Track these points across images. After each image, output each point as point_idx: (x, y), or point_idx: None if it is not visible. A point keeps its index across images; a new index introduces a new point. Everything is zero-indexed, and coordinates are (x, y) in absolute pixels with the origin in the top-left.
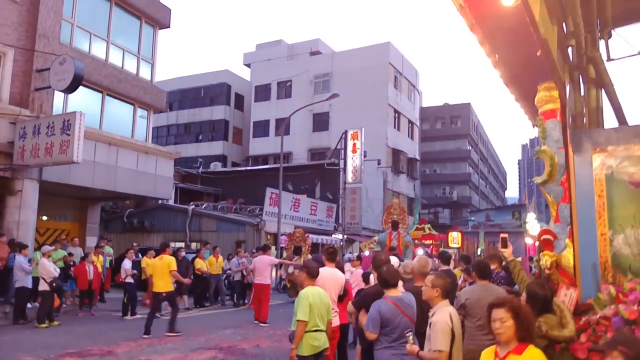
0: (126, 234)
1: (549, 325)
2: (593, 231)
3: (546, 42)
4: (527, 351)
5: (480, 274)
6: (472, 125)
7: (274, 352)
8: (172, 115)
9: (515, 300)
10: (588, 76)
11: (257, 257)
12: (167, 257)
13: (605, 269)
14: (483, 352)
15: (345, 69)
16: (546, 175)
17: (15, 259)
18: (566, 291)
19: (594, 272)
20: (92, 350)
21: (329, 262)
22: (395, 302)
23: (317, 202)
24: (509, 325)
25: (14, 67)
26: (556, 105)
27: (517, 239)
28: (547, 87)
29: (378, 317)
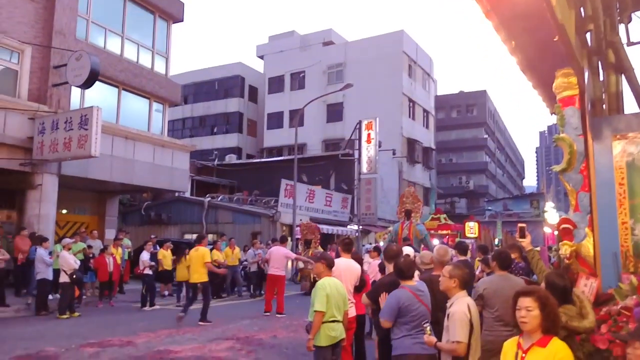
0: (144, 227)
1: (569, 316)
2: (614, 220)
3: (563, 27)
4: (551, 344)
5: (501, 264)
6: (489, 113)
7: (291, 343)
8: (187, 108)
9: (543, 291)
10: (607, 61)
11: (273, 248)
12: (202, 248)
13: (627, 258)
14: (505, 343)
15: (359, 59)
16: (565, 163)
17: (37, 251)
18: (586, 281)
19: (615, 262)
20: (112, 341)
21: (344, 253)
22: (413, 291)
23: (332, 193)
24: (535, 315)
25: (32, 64)
26: (574, 92)
27: (535, 228)
28: (565, 73)
29: (396, 306)
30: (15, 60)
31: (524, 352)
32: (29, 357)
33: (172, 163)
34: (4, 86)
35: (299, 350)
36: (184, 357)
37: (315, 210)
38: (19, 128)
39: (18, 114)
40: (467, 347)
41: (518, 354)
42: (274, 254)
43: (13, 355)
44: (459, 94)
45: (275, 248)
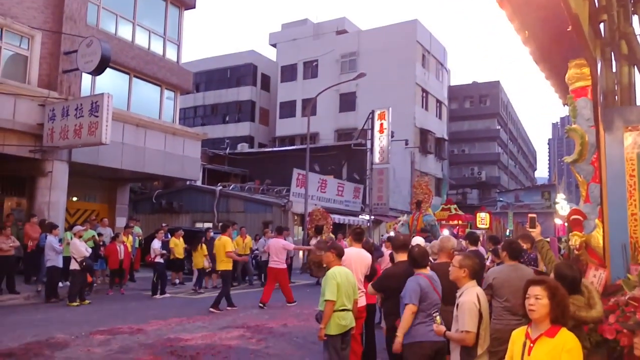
0: (155, 215)
1: (577, 306)
2: (624, 211)
3: (577, 17)
4: (559, 334)
5: (511, 254)
6: (502, 104)
7: (301, 331)
8: (198, 96)
9: (554, 281)
10: (620, 52)
11: (272, 240)
12: (224, 237)
13: (636, 250)
14: (514, 332)
15: (372, 48)
16: (576, 154)
17: (47, 239)
18: (595, 272)
19: (624, 253)
20: (122, 328)
21: (355, 243)
22: (428, 278)
23: (344, 183)
24: (544, 304)
25: (42, 50)
26: (587, 83)
27: (546, 219)
28: (578, 64)
29: (419, 289)
30: (25, 46)
31: (532, 342)
32: (39, 343)
33: (183, 151)
34: (14, 72)
35: (309, 338)
36: (194, 345)
37: (327, 200)
38: (29, 114)
39: (28, 100)
40: (475, 337)
41: (526, 343)
42: (272, 246)
43: (23, 341)
44: (472, 84)
45: (274, 240)
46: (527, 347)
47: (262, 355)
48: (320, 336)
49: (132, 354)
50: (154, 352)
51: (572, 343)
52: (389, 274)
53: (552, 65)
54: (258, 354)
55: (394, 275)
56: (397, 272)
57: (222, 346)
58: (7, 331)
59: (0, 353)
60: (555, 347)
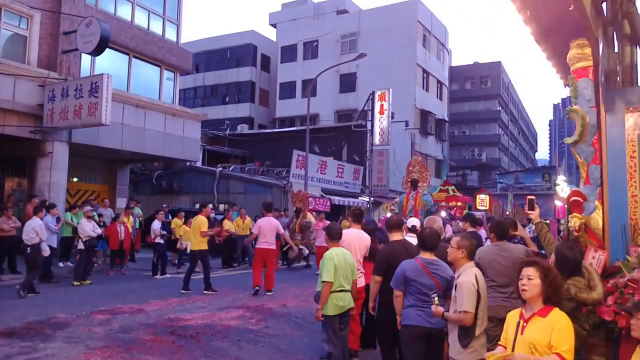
0: (155, 196)
1: (578, 288)
2: (624, 193)
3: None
4: (551, 314)
5: (498, 234)
6: (503, 85)
7: (300, 312)
8: (198, 77)
9: (547, 263)
10: (623, 32)
11: (263, 220)
12: (200, 217)
13: (635, 232)
14: (509, 314)
15: (373, 28)
16: (577, 135)
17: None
18: (594, 253)
19: (623, 235)
20: (123, 308)
21: (355, 224)
22: (424, 263)
23: (343, 165)
24: (535, 284)
25: (41, 30)
26: (589, 63)
27: (546, 201)
28: (580, 44)
29: (401, 274)
30: (24, 26)
31: (525, 322)
32: (40, 323)
33: (183, 132)
34: (14, 52)
35: (309, 319)
36: (194, 325)
37: (326, 182)
38: (29, 95)
39: (28, 81)
40: (474, 317)
41: (519, 323)
42: (264, 227)
43: (24, 321)
44: (474, 65)
45: (265, 220)
46: (521, 326)
47: (262, 335)
48: (318, 317)
49: (132, 334)
50: (154, 331)
51: (564, 321)
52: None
53: (554, 46)
54: (257, 334)
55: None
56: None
57: (221, 326)
58: (9, 310)
59: (2, 332)
60: (547, 326)
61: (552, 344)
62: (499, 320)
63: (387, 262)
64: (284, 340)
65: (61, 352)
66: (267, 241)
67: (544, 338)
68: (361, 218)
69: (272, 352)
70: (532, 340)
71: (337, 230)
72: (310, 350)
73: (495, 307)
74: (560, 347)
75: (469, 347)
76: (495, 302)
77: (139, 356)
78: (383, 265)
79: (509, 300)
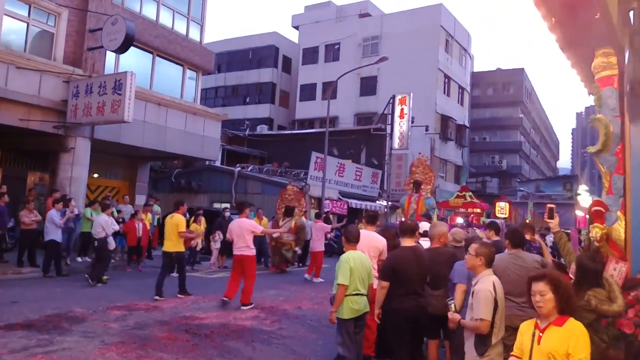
0: (174, 194)
1: (598, 300)
2: None
3: (605, 4)
4: (568, 323)
5: (513, 242)
6: (525, 92)
7: (315, 314)
8: (220, 77)
9: (555, 273)
10: None
11: (234, 222)
12: (177, 216)
13: None
14: (522, 325)
15: (395, 32)
16: (600, 144)
17: (49, 212)
18: (615, 265)
19: None
20: (138, 305)
21: (368, 226)
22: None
23: (362, 168)
24: (549, 298)
25: (68, 27)
26: (614, 72)
27: (567, 211)
28: (605, 52)
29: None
30: (52, 23)
31: (541, 332)
32: (59, 317)
33: (203, 131)
34: (40, 48)
35: (323, 322)
36: (209, 323)
37: (344, 184)
38: (54, 91)
39: (53, 77)
40: (490, 325)
41: (535, 333)
42: (234, 229)
43: (43, 314)
44: (496, 71)
45: (236, 222)
46: (537, 336)
47: (276, 336)
48: (332, 319)
49: (147, 330)
50: (169, 329)
51: (580, 330)
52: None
53: (579, 54)
54: (271, 335)
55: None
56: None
57: (236, 326)
58: (28, 303)
59: (20, 324)
60: (564, 335)
61: (569, 352)
62: (513, 329)
63: (393, 269)
64: (297, 342)
65: (77, 346)
66: (240, 247)
67: (562, 347)
68: (375, 220)
69: (286, 354)
70: (550, 349)
71: (354, 233)
72: (324, 353)
73: (509, 315)
74: (578, 355)
75: (485, 356)
76: (510, 311)
77: (154, 353)
78: (389, 271)
79: (524, 310)
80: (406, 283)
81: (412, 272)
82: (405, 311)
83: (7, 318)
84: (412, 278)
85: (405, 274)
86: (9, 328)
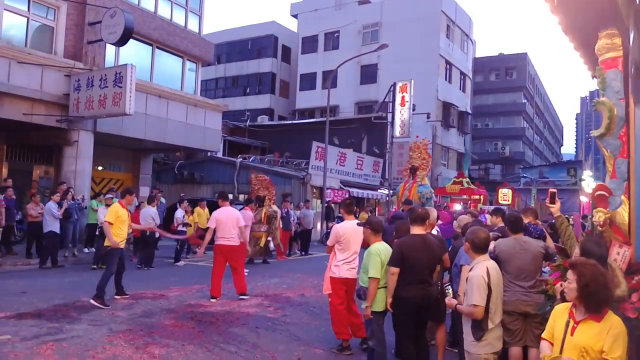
0: (177, 185)
1: None
2: None
3: None
4: (606, 318)
5: (512, 228)
6: (529, 77)
7: (318, 302)
8: (219, 68)
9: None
10: None
11: (220, 210)
12: (115, 207)
13: None
14: (557, 307)
15: (395, 19)
16: (604, 128)
17: (47, 204)
18: (619, 249)
19: None
20: (145, 294)
21: (347, 215)
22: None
23: (363, 157)
24: (572, 288)
25: (67, 21)
26: (618, 54)
27: (571, 196)
28: (609, 34)
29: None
30: (51, 17)
31: (575, 323)
32: (67, 306)
33: (204, 123)
34: (41, 43)
35: (326, 309)
36: (214, 311)
37: (345, 173)
38: (56, 85)
39: (54, 71)
40: (485, 311)
41: (569, 322)
42: (222, 220)
43: (52, 303)
44: (499, 56)
45: (223, 210)
46: (571, 326)
47: (280, 323)
48: (367, 314)
49: (154, 318)
50: (175, 316)
51: (619, 328)
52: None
53: (582, 36)
54: (275, 322)
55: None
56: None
57: (240, 313)
58: (37, 293)
59: (31, 313)
60: (601, 331)
61: (604, 349)
62: (518, 314)
63: (402, 255)
64: (301, 328)
65: (86, 334)
66: (226, 236)
67: (597, 344)
68: (352, 208)
69: (289, 340)
70: (585, 345)
71: (380, 223)
72: (327, 340)
73: (515, 301)
74: (612, 354)
75: (483, 340)
76: (515, 296)
77: (160, 340)
78: (398, 258)
79: (529, 295)
80: (414, 271)
81: (421, 260)
82: (409, 299)
83: (18, 307)
84: (421, 266)
85: (413, 261)
86: (19, 317)
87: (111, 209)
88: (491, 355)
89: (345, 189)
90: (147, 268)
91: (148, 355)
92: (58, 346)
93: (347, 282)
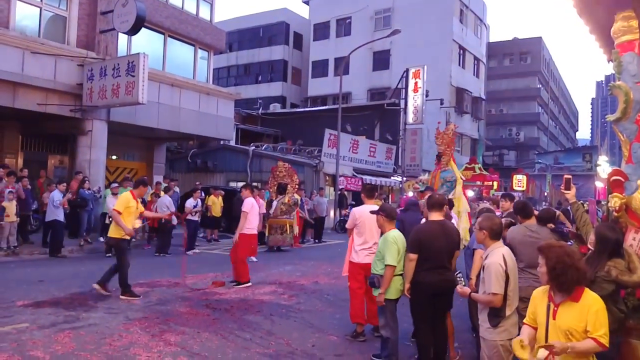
0: (190, 174)
1: (619, 270)
2: None
3: None
4: (584, 297)
5: (523, 214)
6: (543, 62)
7: (332, 289)
8: (231, 56)
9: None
10: None
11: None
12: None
13: None
14: (535, 292)
15: (408, 4)
16: (620, 112)
17: (51, 194)
18: (635, 235)
19: None
20: (160, 282)
21: (368, 200)
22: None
23: (376, 144)
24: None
25: (80, 11)
26: (635, 36)
27: (586, 182)
28: (626, 16)
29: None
30: (63, 7)
31: (555, 306)
32: (83, 294)
33: (217, 111)
34: (54, 33)
35: (340, 296)
36: (229, 298)
37: (358, 161)
38: (69, 74)
39: (67, 61)
40: (503, 298)
41: (550, 306)
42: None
43: (68, 292)
44: (513, 40)
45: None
46: (552, 310)
47: (294, 310)
48: (380, 301)
49: (169, 306)
50: (190, 304)
51: (597, 305)
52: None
53: (597, 19)
54: (290, 309)
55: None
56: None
57: (254, 301)
58: (54, 282)
59: (48, 301)
60: (581, 311)
61: (588, 328)
62: None
63: (420, 241)
64: (315, 316)
65: (103, 322)
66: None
67: (579, 324)
68: (374, 193)
69: (304, 327)
70: (569, 327)
71: (393, 209)
72: (342, 327)
73: (527, 287)
74: (597, 332)
75: (500, 326)
76: (527, 282)
77: (176, 327)
78: (416, 244)
79: (540, 282)
80: (432, 257)
81: (440, 246)
82: (428, 285)
83: (35, 296)
84: (440, 252)
85: (431, 247)
86: (37, 305)
87: (121, 197)
88: (507, 342)
89: (359, 176)
90: (163, 255)
91: (164, 342)
92: (75, 334)
93: (365, 267)
